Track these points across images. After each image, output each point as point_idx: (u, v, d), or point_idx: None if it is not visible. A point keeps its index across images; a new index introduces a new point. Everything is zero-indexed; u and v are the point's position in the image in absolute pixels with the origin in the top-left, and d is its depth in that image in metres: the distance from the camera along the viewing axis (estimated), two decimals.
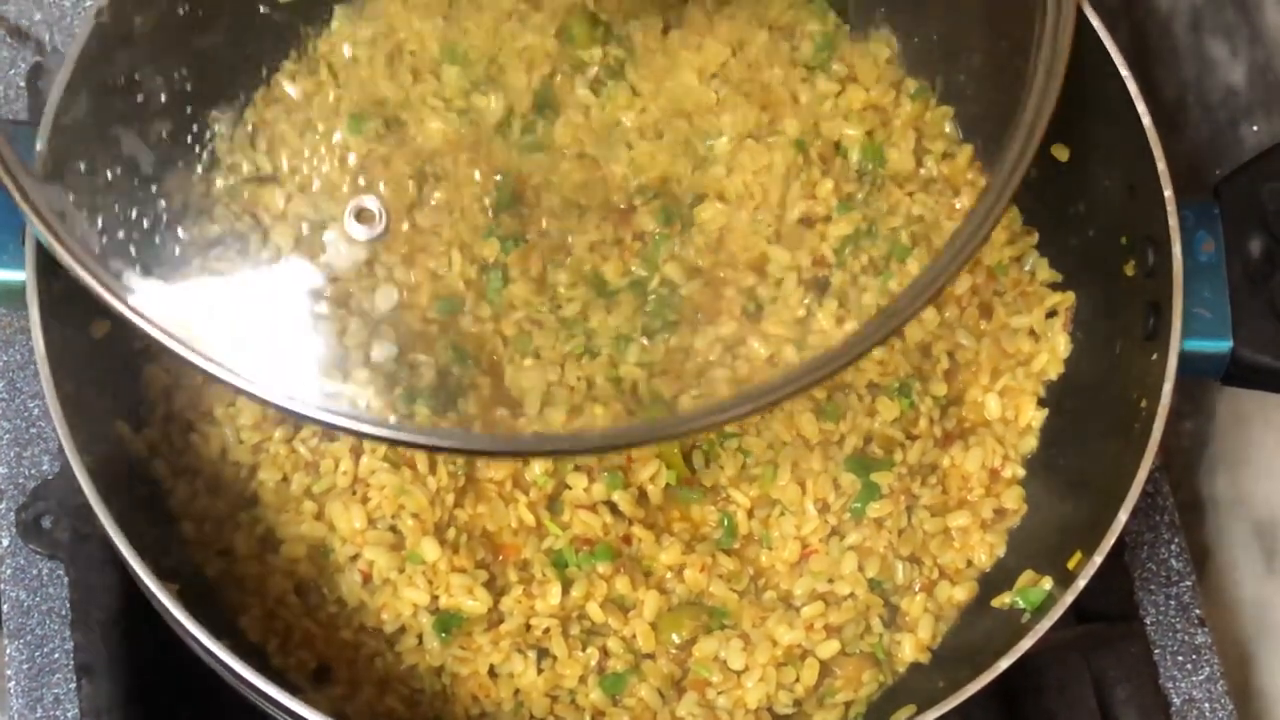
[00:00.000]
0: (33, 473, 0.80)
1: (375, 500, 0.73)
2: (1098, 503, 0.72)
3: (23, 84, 0.86)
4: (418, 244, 0.73)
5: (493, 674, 0.73)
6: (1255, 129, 0.86)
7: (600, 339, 0.73)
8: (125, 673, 0.77)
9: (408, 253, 0.73)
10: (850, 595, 0.75)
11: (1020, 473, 0.78)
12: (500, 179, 0.74)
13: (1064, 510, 0.76)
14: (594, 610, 0.73)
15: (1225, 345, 0.73)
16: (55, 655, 0.77)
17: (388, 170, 0.74)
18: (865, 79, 0.78)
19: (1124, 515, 0.70)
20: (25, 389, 0.81)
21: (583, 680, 0.73)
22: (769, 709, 0.74)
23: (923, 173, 0.78)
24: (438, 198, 0.73)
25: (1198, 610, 0.83)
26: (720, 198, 0.75)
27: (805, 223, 0.75)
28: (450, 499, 0.73)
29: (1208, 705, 0.82)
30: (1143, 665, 0.82)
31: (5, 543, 0.79)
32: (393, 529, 0.73)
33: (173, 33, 0.74)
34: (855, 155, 0.77)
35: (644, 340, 0.73)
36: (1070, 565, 0.71)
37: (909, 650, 0.75)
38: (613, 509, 0.74)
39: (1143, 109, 0.73)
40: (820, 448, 0.75)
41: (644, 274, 0.73)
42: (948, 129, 0.79)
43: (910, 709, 0.70)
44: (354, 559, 0.73)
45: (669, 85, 0.76)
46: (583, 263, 0.73)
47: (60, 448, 0.78)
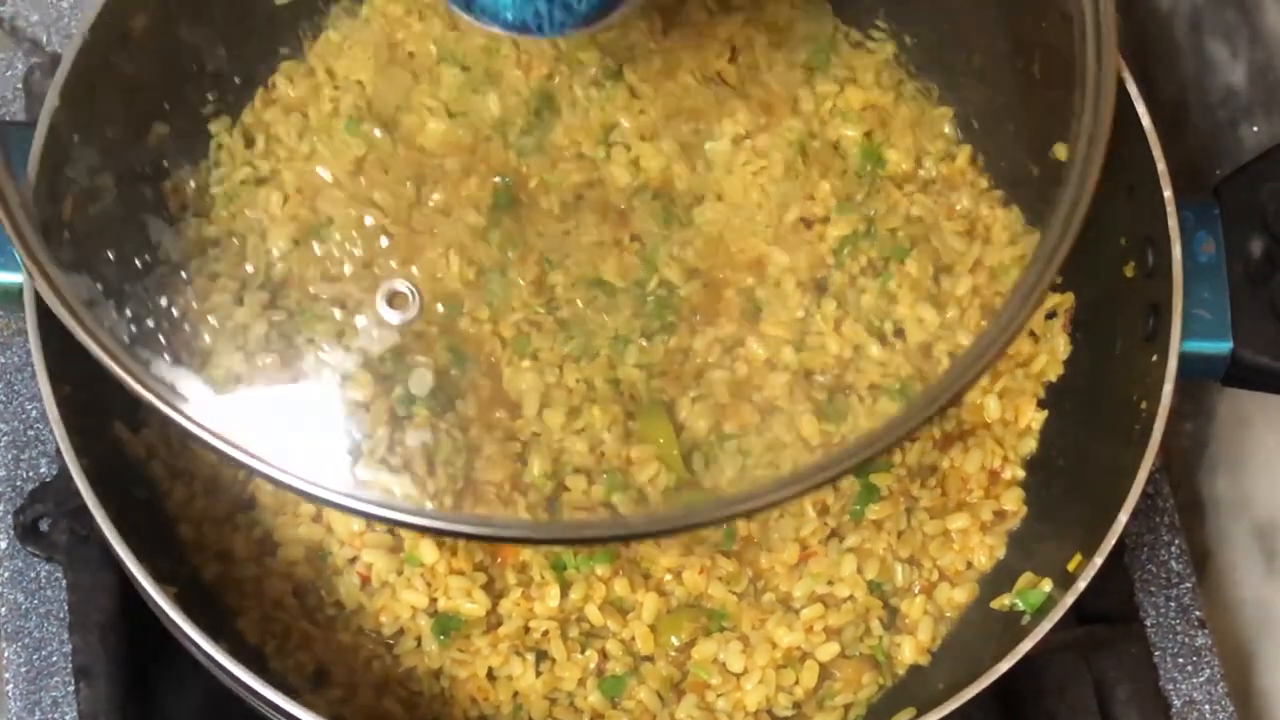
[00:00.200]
0: (30, 475, 0.80)
1: None
2: (1098, 504, 0.72)
3: (20, 85, 0.86)
4: (416, 245, 0.73)
5: (491, 676, 0.73)
6: (1255, 129, 0.86)
7: (599, 340, 0.72)
8: (123, 675, 0.77)
9: (406, 254, 0.73)
10: (850, 597, 0.75)
11: (1020, 474, 0.78)
12: (498, 180, 0.74)
13: (1064, 512, 0.76)
14: (593, 613, 0.73)
15: (1225, 346, 0.73)
16: (53, 658, 0.77)
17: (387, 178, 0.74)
18: (864, 80, 0.78)
19: (1124, 517, 0.70)
20: (23, 391, 0.81)
21: (582, 683, 0.73)
22: (768, 711, 0.74)
23: (921, 174, 0.78)
24: (435, 199, 0.73)
25: (1198, 612, 0.83)
26: (719, 199, 0.75)
27: (804, 224, 0.75)
28: (449, 501, 0.73)
29: (1208, 707, 0.82)
30: (1143, 667, 0.82)
31: (3, 545, 0.79)
32: (391, 531, 0.73)
33: (171, 34, 0.74)
34: (854, 156, 0.77)
35: (643, 342, 0.73)
36: (1070, 567, 0.71)
37: (909, 652, 0.75)
38: (611, 511, 0.74)
39: (1142, 109, 0.73)
40: (820, 449, 0.75)
41: (642, 275, 0.73)
42: (947, 130, 0.79)
43: (910, 711, 0.70)
44: (352, 561, 0.73)
45: (668, 86, 0.76)
46: (581, 264, 0.73)
47: (58, 450, 0.78)
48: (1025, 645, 0.69)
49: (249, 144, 0.76)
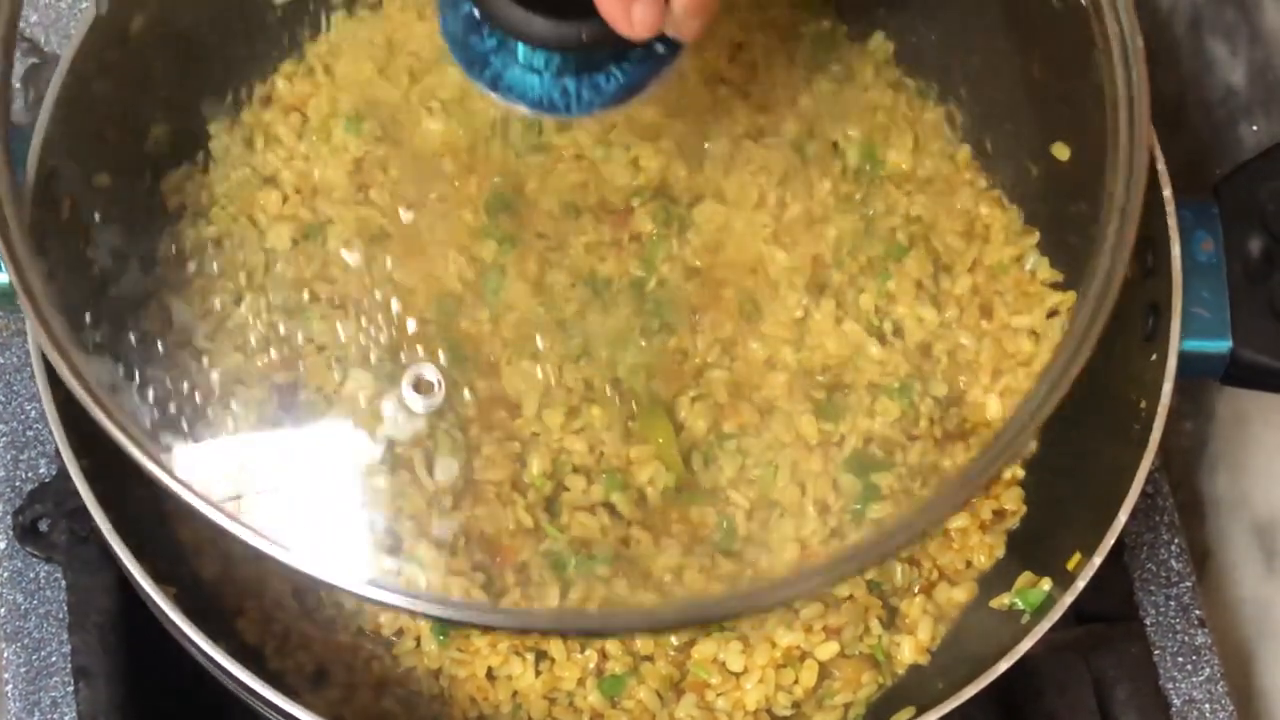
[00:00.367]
0: (30, 476, 0.80)
1: None
2: (1097, 503, 0.72)
3: (19, 85, 0.86)
4: (415, 245, 0.73)
5: (491, 676, 0.73)
6: (1255, 128, 0.86)
7: (598, 340, 0.72)
8: (123, 676, 0.77)
9: (404, 254, 0.73)
10: (849, 597, 0.75)
11: (1020, 474, 0.77)
12: (498, 180, 0.74)
13: (1063, 511, 0.76)
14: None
15: (1224, 345, 0.72)
16: (52, 658, 0.77)
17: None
18: (863, 79, 0.78)
19: (1123, 516, 0.70)
20: (22, 391, 0.81)
21: (581, 682, 0.73)
22: (768, 710, 0.74)
23: (920, 173, 0.77)
24: (434, 199, 0.73)
25: (1198, 611, 0.83)
26: (718, 198, 0.75)
27: (803, 223, 0.75)
28: (448, 501, 0.73)
29: (1208, 706, 0.82)
30: (1143, 666, 0.82)
31: (2, 546, 0.79)
32: (390, 531, 0.73)
33: (169, 35, 0.74)
34: (853, 156, 0.77)
35: (642, 341, 0.73)
36: (1069, 566, 0.71)
37: (908, 652, 0.75)
38: (611, 511, 0.74)
39: None
40: (820, 449, 0.75)
41: (642, 275, 0.73)
42: (946, 130, 0.78)
43: (909, 710, 0.70)
44: None
45: (667, 85, 0.76)
46: (580, 264, 0.73)
47: (57, 451, 0.78)
48: (1025, 644, 0.69)
49: (248, 144, 0.76)
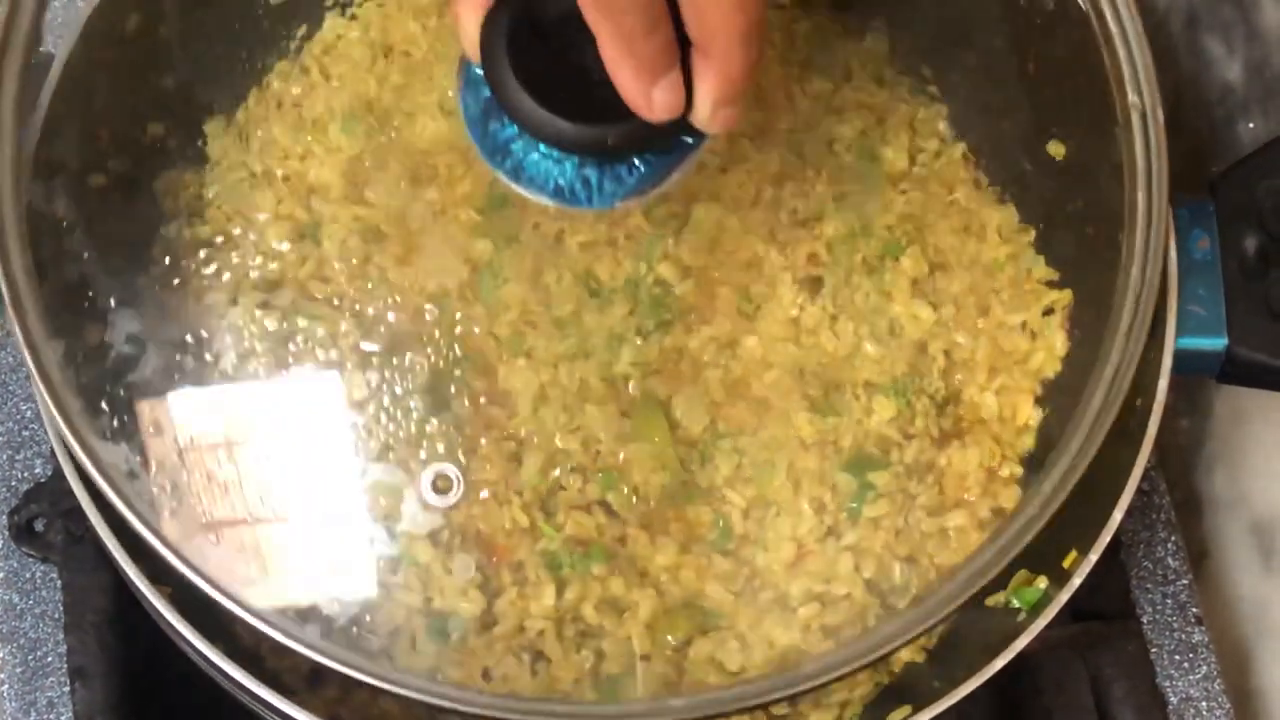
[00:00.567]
0: (25, 476, 0.80)
1: None
2: (1094, 501, 0.72)
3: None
4: (411, 244, 0.73)
5: (487, 677, 0.73)
6: (1251, 126, 0.86)
7: (594, 339, 0.72)
8: (119, 676, 0.77)
9: (400, 253, 0.73)
10: (846, 596, 0.75)
11: (1018, 472, 0.77)
12: (494, 179, 0.73)
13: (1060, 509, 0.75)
14: (589, 612, 0.73)
15: (1220, 343, 0.72)
16: (48, 659, 0.77)
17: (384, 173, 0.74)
18: (859, 77, 0.78)
19: (1119, 514, 0.70)
20: (17, 391, 0.81)
21: (578, 682, 0.73)
22: (765, 709, 0.74)
23: (916, 171, 0.77)
24: (430, 197, 0.73)
25: (1195, 609, 0.83)
26: (714, 197, 0.75)
27: (799, 222, 0.75)
28: (445, 502, 0.73)
29: (1205, 704, 0.82)
30: (1139, 664, 0.82)
31: None
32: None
33: (165, 34, 0.74)
34: (849, 154, 0.77)
35: (638, 340, 0.73)
36: (1066, 564, 0.71)
37: (905, 650, 0.75)
38: (607, 510, 0.73)
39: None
40: (816, 447, 0.75)
41: (637, 273, 0.73)
42: (941, 127, 0.78)
43: (906, 709, 0.70)
44: None
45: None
46: (576, 262, 0.73)
47: (52, 451, 0.78)
48: (1021, 642, 0.69)
49: (244, 144, 0.76)
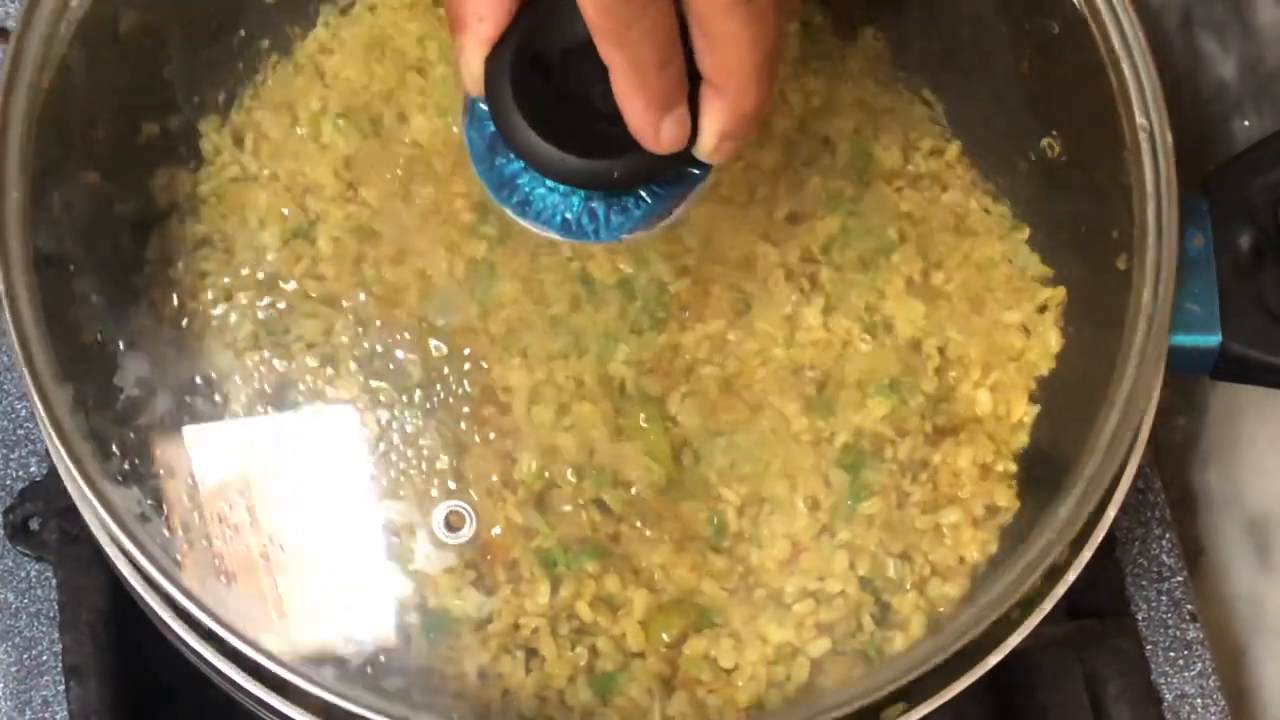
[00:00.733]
0: (20, 474, 0.80)
1: None
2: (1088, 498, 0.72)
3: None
4: (405, 242, 0.73)
5: (481, 674, 0.73)
6: (1246, 124, 0.86)
7: (588, 337, 0.72)
8: (114, 674, 0.77)
9: (394, 251, 0.73)
10: (841, 593, 0.75)
11: (1012, 468, 0.77)
12: None
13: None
14: (583, 609, 0.73)
15: (1214, 339, 0.73)
16: (43, 657, 0.77)
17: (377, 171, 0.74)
18: (854, 75, 0.78)
19: (1114, 511, 0.70)
20: (12, 390, 0.81)
21: (572, 680, 0.73)
22: (759, 707, 0.74)
23: (910, 169, 0.77)
24: (425, 196, 0.73)
25: (1190, 606, 0.83)
26: (708, 194, 0.74)
27: (793, 220, 0.75)
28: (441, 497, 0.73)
29: (1200, 701, 0.82)
30: (1134, 661, 0.82)
31: None
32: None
33: (159, 32, 0.74)
34: (843, 152, 0.77)
35: (632, 338, 0.73)
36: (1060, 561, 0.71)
37: (900, 647, 0.75)
38: (602, 507, 0.73)
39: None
40: (810, 445, 0.75)
41: (632, 271, 0.73)
42: (936, 125, 0.78)
43: (900, 706, 0.70)
44: None
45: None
46: (570, 260, 0.73)
47: (47, 450, 0.78)
48: (1015, 639, 0.69)
49: (238, 143, 0.76)
